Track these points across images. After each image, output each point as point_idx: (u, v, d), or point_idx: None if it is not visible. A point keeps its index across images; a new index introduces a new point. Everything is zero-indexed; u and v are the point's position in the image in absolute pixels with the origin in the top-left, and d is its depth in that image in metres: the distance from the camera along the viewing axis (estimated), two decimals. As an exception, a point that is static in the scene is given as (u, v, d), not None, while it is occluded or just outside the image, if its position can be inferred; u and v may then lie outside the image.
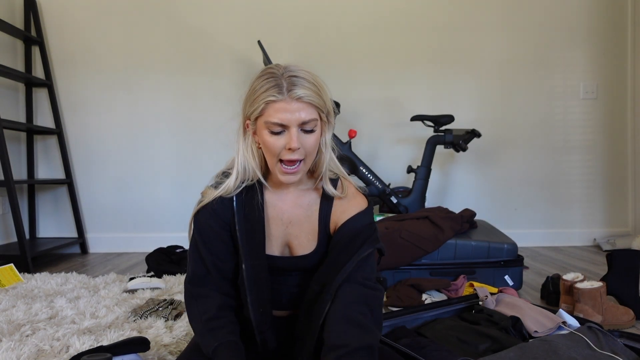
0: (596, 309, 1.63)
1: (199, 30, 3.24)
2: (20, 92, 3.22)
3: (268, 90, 0.96)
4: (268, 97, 0.95)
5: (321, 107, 0.99)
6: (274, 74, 0.97)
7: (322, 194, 1.09)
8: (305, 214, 1.09)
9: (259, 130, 1.00)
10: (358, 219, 1.06)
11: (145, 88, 3.24)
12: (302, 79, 0.96)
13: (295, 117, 0.95)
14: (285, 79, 0.96)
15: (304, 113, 0.96)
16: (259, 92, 0.97)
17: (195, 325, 1.02)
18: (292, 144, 0.96)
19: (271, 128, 0.97)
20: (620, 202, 3.33)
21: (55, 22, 3.24)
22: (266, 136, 0.98)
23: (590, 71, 3.29)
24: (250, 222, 1.05)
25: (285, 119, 0.95)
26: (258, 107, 0.97)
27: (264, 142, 0.99)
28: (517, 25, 3.28)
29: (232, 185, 1.04)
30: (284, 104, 0.95)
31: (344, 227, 1.05)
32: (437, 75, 3.28)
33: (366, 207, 1.09)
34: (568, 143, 3.31)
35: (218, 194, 1.04)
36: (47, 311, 1.71)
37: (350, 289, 0.99)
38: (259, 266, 1.05)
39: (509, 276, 2.05)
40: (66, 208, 3.26)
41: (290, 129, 0.96)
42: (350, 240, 1.03)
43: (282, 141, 0.97)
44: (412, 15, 3.28)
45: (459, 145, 2.80)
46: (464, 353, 1.24)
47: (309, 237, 1.09)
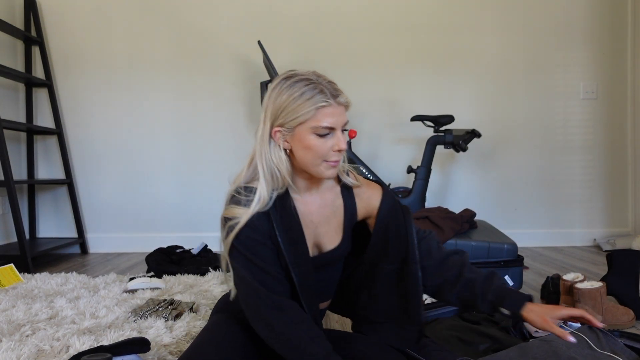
0: (596, 309, 1.63)
1: (199, 30, 3.24)
2: (20, 92, 3.22)
3: (315, 97, 1.00)
4: (319, 103, 1.00)
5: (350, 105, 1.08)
6: (311, 80, 1.02)
7: (341, 187, 1.17)
8: (331, 210, 1.15)
9: (299, 136, 1.02)
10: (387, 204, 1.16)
11: (145, 88, 3.24)
12: (335, 84, 1.04)
13: (341, 120, 1.03)
14: (325, 86, 1.02)
15: (345, 116, 1.04)
16: (303, 99, 1.00)
17: (292, 332, 0.99)
18: (341, 145, 1.03)
19: (319, 132, 1.01)
20: (620, 202, 3.33)
21: (55, 22, 3.24)
22: (312, 140, 1.01)
23: (590, 71, 3.29)
24: (290, 232, 1.07)
25: (334, 122, 1.01)
26: (306, 114, 1.00)
27: (309, 146, 1.02)
28: (517, 26, 3.28)
29: (267, 196, 1.04)
30: (332, 109, 1.01)
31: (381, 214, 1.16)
32: (437, 76, 3.28)
33: (384, 190, 1.19)
34: (568, 143, 3.31)
35: (255, 210, 1.03)
36: (47, 311, 1.71)
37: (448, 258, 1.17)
38: (306, 272, 1.08)
39: (509, 276, 2.05)
40: (66, 208, 3.26)
41: (337, 132, 1.03)
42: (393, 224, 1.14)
43: (329, 143, 1.02)
44: (412, 15, 3.28)
45: (459, 146, 2.80)
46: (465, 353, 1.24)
47: (336, 231, 1.16)
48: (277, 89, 1.04)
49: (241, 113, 3.26)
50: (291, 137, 1.03)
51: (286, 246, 1.05)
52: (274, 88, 1.05)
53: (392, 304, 1.16)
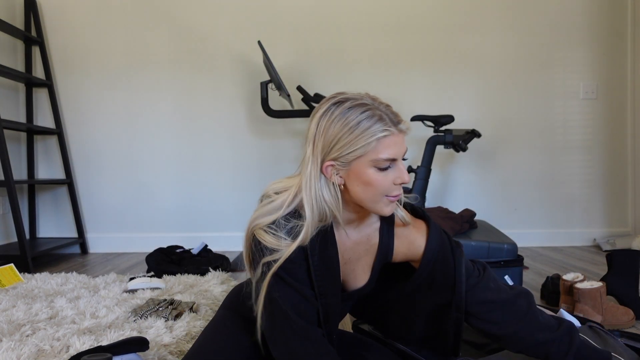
0: (596, 309, 1.63)
1: (199, 30, 3.24)
2: (21, 92, 3.22)
3: (375, 125, 0.88)
4: (381, 133, 0.88)
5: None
6: (367, 105, 0.90)
7: (381, 222, 1.04)
8: (365, 248, 1.05)
9: (356, 170, 0.91)
10: (433, 248, 1.01)
11: (145, 88, 3.24)
12: (391, 107, 0.93)
13: (402, 149, 0.92)
14: (383, 111, 0.91)
15: (405, 144, 0.93)
16: (361, 129, 0.88)
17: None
18: (404, 177, 0.92)
19: (381, 165, 0.90)
20: (620, 202, 3.33)
21: (55, 22, 3.24)
22: (373, 175, 0.90)
23: (590, 71, 3.29)
24: (326, 264, 0.99)
25: (396, 153, 0.90)
26: (366, 146, 0.88)
27: (370, 182, 0.90)
28: (517, 25, 3.28)
29: (310, 232, 0.94)
30: (396, 138, 0.90)
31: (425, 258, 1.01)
32: (437, 76, 3.28)
33: (430, 229, 1.03)
34: (568, 143, 3.31)
35: (296, 245, 0.93)
36: (47, 311, 1.71)
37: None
38: (334, 304, 1.01)
39: (509, 276, 2.04)
40: (66, 208, 3.26)
41: (398, 162, 0.92)
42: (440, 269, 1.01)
43: (390, 176, 0.91)
44: (412, 15, 3.28)
45: (459, 146, 2.80)
46: (465, 352, 1.24)
47: (364, 270, 1.06)
48: (327, 116, 0.90)
49: (241, 113, 3.26)
50: (346, 172, 0.92)
51: (318, 277, 0.97)
52: (323, 115, 0.91)
53: (429, 336, 1.09)
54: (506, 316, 1.00)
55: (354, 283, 1.06)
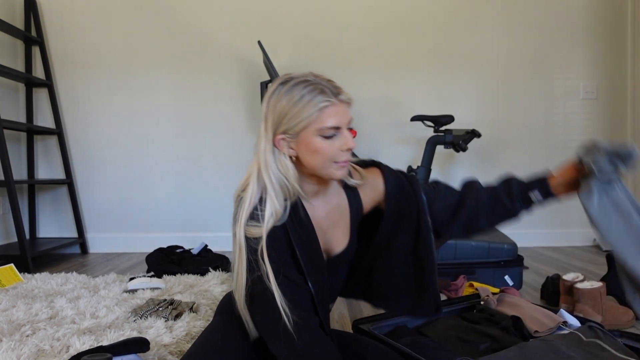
0: (596, 309, 1.63)
1: (199, 30, 3.24)
2: (21, 92, 3.22)
3: (317, 97, 0.96)
4: (322, 103, 0.96)
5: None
6: (309, 81, 0.98)
7: (344, 186, 1.15)
8: (339, 213, 1.13)
9: (304, 140, 0.98)
10: (391, 182, 1.15)
11: (145, 88, 3.24)
12: (334, 82, 1.00)
13: (345, 118, 1.00)
14: (326, 85, 0.98)
15: (349, 114, 1.01)
16: (304, 101, 0.96)
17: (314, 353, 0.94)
18: (349, 143, 0.99)
19: (325, 133, 0.97)
20: (620, 202, 3.33)
21: (55, 22, 3.24)
22: (319, 143, 0.98)
23: (590, 71, 3.29)
24: (306, 243, 1.04)
25: (339, 121, 0.98)
26: (309, 116, 0.96)
27: (317, 150, 0.98)
28: (517, 25, 3.28)
29: (279, 209, 1.00)
30: (336, 108, 0.98)
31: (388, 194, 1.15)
32: (437, 75, 3.28)
33: (382, 170, 1.17)
34: (568, 143, 3.31)
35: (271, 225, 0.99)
36: (47, 311, 1.71)
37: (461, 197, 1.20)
38: (322, 281, 1.07)
39: (509, 276, 2.05)
40: (66, 208, 3.26)
41: (343, 131, 1.00)
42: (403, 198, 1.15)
43: (337, 143, 0.99)
44: (412, 15, 3.28)
45: (459, 146, 2.80)
46: (465, 352, 1.24)
47: (344, 232, 1.15)
48: (275, 95, 1.00)
49: (241, 113, 3.26)
50: (296, 143, 0.99)
51: (303, 257, 1.02)
52: (272, 95, 1.00)
53: (408, 275, 1.18)
54: (469, 208, 1.16)
55: (337, 247, 1.14)
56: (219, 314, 1.25)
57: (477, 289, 1.69)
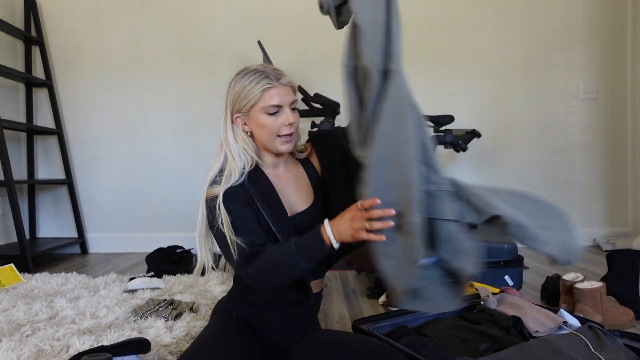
0: (596, 309, 1.63)
1: (199, 30, 3.24)
2: (21, 92, 3.22)
3: (261, 81, 1.15)
4: (263, 86, 1.14)
5: (296, 91, 1.21)
6: (257, 70, 1.17)
7: (301, 162, 1.31)
8: (298, 177, 1.29)
9: (253, 117, 1.17)
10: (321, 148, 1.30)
11: (145, 88, 3.24)
12: (281, 70, 1.19)
13: (287, 98, 1.17)
14: (270, 72, 1.16)
15: (291, 96, 1.18)
16: (251, 86, 1.15)
17: (269, 264, 1.09)
18: (290, 119, 1.16)
19: (268, 110, 1.15)
20: (620, 202, 3.33)
21: (55, 22, 3.24)
22: (264, 119, 1.16)
23: (590, 71, 3.29)
24: (265, 195, 1.19)
25: (280, 100, 1.15)
26: (254, 97, 1.15)
27: (262, 125, 1.16)
28: (517, 25, 3.28)
29: (237, 173, 1.17)
30: (277, 89, 1.15)
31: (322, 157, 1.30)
32: (437, 75, 3.28)
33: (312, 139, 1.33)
34: (568, 143, 3.31)
35: (228, 185, 1.16)
36: (47, 311, 1.71)
37: None
38: (288, 232, 1.18)
39: (509, 276, 2.05)
40: (66, 208, 3.26)
41: (285, 108, 1.16)
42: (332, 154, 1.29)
43: (280, 120, 1.16)
44: (412, 15, 3.27)
45: (459, 146, 2.80)
46: (465, 352, 1.24)
47: (307, 192, 1.28)
48: (233, 82, 1.20)
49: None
50: (248, 119, 1.18)
51: (265, 209, 1.16)
52: (231, 82, 1.21)
53: None
54: None
55: (303, 206, 1.26)
56: (214, 314, 1.28)
57: (477, 289, 1.69)
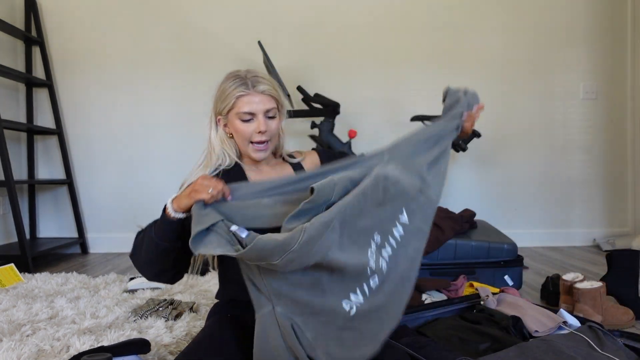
0: (596, 309, 1.63)
1: (199, 30, 3.24)
2: (21, 92, 3.22)
3: (237, 88, 1.18)
4: (238, 93, 1.18)
5: (278, 99, 1.22)
6: (239, 75, 1.21)
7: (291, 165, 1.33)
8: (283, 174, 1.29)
9: (230, 121, 1.21)
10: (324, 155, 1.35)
11: (145, 88, 3.24)
12: (261, 78, 1.20)
13: (260, 106, 1.18)
14: (249, 78, 1.19)
15: (267, 103, 1.19)
16: (229, 91, 1.19)
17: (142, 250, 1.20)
18: (260, 127, 1.18)
19: (242, 117, 1.18)
20: (620, 202, 3.33)
21: (55, 22, 3.24)
22: (238, 125, 1.19)
23: (590, 71, 3.29)
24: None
25: (253, 108, 1.18)
26: (230, 102, 1.18)
27: (237, 130, 1.20)
28: (517, 26, 3.28)
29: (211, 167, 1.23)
30: (251, 97, 1.18)
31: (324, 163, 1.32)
32: (437, 75, 3.28)
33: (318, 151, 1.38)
34: (568, 143, 3.31)
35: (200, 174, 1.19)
36: (48, 311, 1.71)
37: None
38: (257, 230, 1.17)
39: (508, 276, 2.05)
40: (66, 208, 3.26)
41: (258, 116, 1.18)
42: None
43: (252, 127, 1.19)
44: (412, 15, 3.28)
45: (459, 146, 2.80)
46: (465, 352, 1.24)
47: None
48: (220, 85, 1.24)
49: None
50: (228, 122, 1.22)
51: None
52: (218, 85, 1.25)
53: None
54: None
55: None
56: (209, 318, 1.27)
57: (477, 289, 1.69)
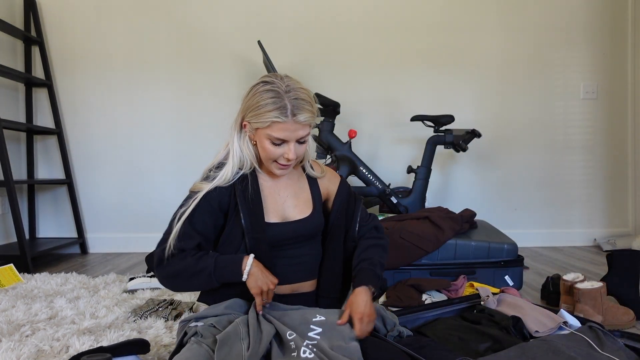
0: (596, 309, 1.63)
1: (199, 30, 3.24)
2: (20, 92, 3.22)
3: (274, 111, 1.11)
4: (275, 118, 1.11)
5: (312, 123, 1.17)
6: (278, 92, 1.12)
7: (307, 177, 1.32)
8: (298, 186, 1.30)
9: (259, 135, 1.16)
10: (343, 190, 1.34)
11: (145, 88, 3.24)
12: (302, 101, 1.12)
13: (294, 135, 1.14)
14: (289, 100, 1.11)
15: (302, 132, 1.15)
16: (265, 109, 1.12)
17: (182, 267, 1.12)
18: (290, 155, 1.15)
19: (273, 140, 1.14)
20: (620, 202, 3.33)
21: (55, 22, 3.24)
22: (267, 144, 1.15)
23: (590, 71, 3.29)
24: (250, 203, 1.20)
25: (286, 136, 1.13)
26: (264, 123, 1.12)
27: (264, 148, 1.16)
28: (517, 25, 3.28)
29: (230, 175, 1.20)
30: (288, 126, 1.12)
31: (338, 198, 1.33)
32: (437, 75, 3.28)
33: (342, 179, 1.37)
34: (568, 143, 3.31)
35: (216, 184, 1.18)
36: (47, 311, 1.71)
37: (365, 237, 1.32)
38: (261, 240, 1.18)
39: (509, 276, 2.04)
40: (66, 208, 3.26)
41: (290, 144, 1.15)
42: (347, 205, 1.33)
43: (280, 150, 1.15)
44: (413, 15, 3.28)
45: (459, 145, 2.80)
46: (465, 352, 1.24)
47: (306, 204, 1.28)
48: (254, 89, 1.17)
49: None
50: (254, 134, 1.19)
51: (245, 215, 1.18)
52: (253, 87, 1.18)
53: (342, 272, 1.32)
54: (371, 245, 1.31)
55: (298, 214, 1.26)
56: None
57: (477, 289, 1.69)
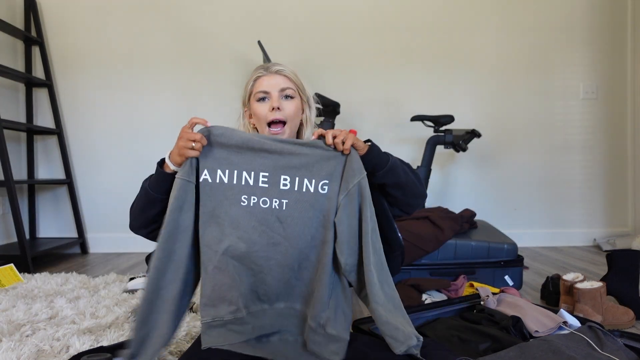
0: (596, 309, 1.63)
1: (199, 30, 3.24)
2: (20, 92, 3.22)
3: (255, 73, 1.24)
4: (256, 75, 1.24)
5: (298, 85, 1.24)
6: (261, 65, 1.27)
7: None
8: None
9: (251, 106, 1.25)
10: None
11: (145, 88, 3.24)
12: (283, 66, 1.24)
13: (273, 83, 1.22)
14: (268, 65, 1.25)
15: (282, 81, 1.22)
16: (250, 78, 1.26)
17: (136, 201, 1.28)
18: (273, 103, 1.20)
19: (258, 97, 1.22)
20: (620, 202, 3.33)
21: (55, 22, 3.24)
22: (255, 107, 1.23)
23: (590, 71, 3.29)
24: None
25: (267, 85, 1.22)
26: (249, 87, 1.24)
27: (255, 113, 1.24)
28: (517, 25, 3.28)
29: None
30: (266, 77, 1.23)
31: None
32: (437, 75, 3.28)
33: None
34: (568, 143, 3.31)
35: None
36: (47, 311, 1.71)
37: None
38: None
39: (509, 276, 2.05)
40: (66, 208, 3.26)
41: (272, 94, 1.22)
42: None
43: (267, 106, 1.21)
44: (413, 15, 3.28)
45: (459, 146, 2.80)
46: (465, 352, 1.24)
47: None
48: None
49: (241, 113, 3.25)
50: (250, 111, 1.26)
51: None
52: None
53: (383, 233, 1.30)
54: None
55: None
56: None
57: (477, 289, 1.69)
